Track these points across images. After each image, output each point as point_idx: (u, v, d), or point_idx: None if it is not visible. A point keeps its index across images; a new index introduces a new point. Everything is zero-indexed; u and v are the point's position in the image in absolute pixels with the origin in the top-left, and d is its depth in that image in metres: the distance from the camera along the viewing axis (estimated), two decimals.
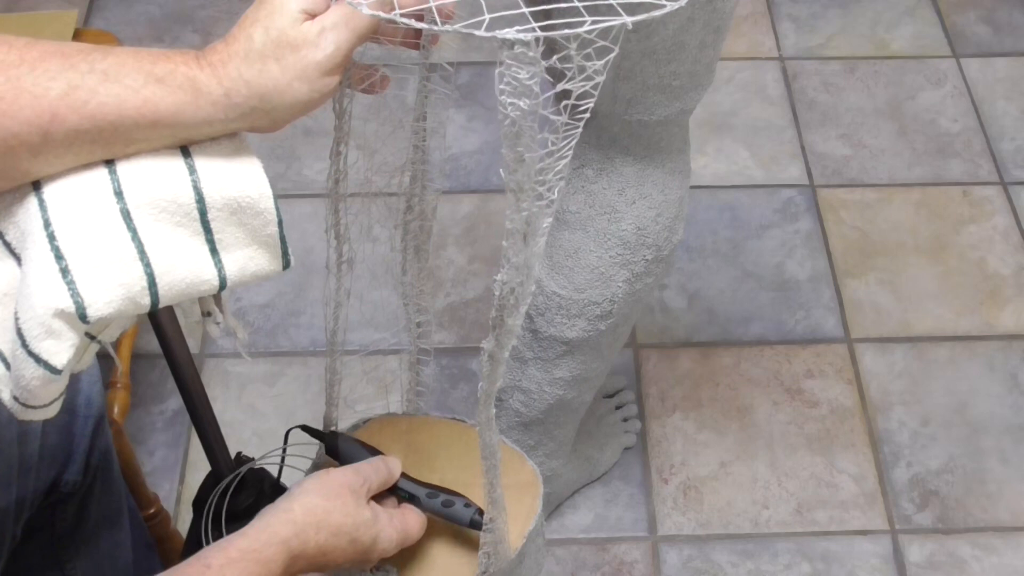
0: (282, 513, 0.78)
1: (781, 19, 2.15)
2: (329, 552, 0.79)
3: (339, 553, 0.79)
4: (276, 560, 0.75)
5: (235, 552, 0.74)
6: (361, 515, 0.81)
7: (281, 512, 0.78)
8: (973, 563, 1.48)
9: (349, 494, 0.80)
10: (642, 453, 1.58)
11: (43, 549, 1.05)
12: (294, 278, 1.72)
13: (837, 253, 1.80)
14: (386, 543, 0.83)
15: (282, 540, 0.76)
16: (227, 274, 0.69)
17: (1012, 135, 1.96)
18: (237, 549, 0.74)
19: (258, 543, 0.75)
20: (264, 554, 0.74)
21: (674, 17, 0.95)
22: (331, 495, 0.80)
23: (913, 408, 1.63)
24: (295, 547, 0.76)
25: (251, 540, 0.75)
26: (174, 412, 1.59)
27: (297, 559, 0.77)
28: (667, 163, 1.12)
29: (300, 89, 0.66)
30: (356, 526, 0.80)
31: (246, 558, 0.74)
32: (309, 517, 0.78)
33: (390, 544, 0.83)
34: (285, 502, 0.79)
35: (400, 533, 0.84)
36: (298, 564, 0.77)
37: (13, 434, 0.92)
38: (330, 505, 0.79)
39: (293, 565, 0.77)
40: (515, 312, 0.70)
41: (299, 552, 0.77)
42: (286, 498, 0.79)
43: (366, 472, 0.84)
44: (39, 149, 0.65)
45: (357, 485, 0.82)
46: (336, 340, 0.89)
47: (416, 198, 0.85)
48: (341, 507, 0.79)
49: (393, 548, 0.84)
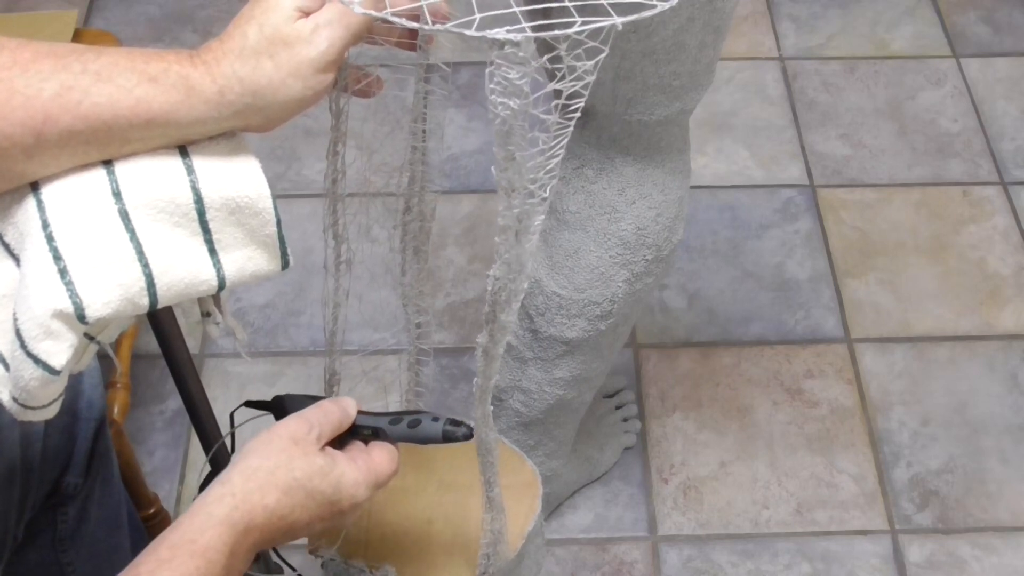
0: (217, 488, 0.70)
1: (781, 19, 2.15)
2: (287, 514, 0.71)
3: (301, 511, 0.72)
4: (216, 546, 0.67)
5: (165, 551, 0.66)
6: (313, 464, 0.72)
7: (216, 487, 0.70)
8: (973, 563, 1.48)
9: (294, 446, 0.72)
10: (642, 453, 1.58)
11: (44, 550, 1.05)
12: (294, 278, 1.72)
13: (837, 253, 1.80)
14: (352, 487, 0.74)
15: (220, 520, 0.68)
16: (226, 274, 0.69)
17: (1012, 135, 1.96)
18: (168, 546, 0.67)
19: (192, 531, 0.67)
20: (200, 543, 0.67)
21: (674, 17, 0.95)
22: (273, 452, 0.72)
23: (913, 408, 1.63)
24: (239, 520, 0.68)
25: (183, 531, 0.67)
26: (174, 412, 1.59)
27: (248, 533, 0.69)
28: (667, 163, 1.12)
29: (294, 86, 0.66)
30: (309, 477, 0.72)
31: (179, 554, 0.66)
32: (250, 483, 0.70)
33: (357, 488, 0.75)
34: (223, 474, 0.71)
35: (367, 473, 0.76)
36: (251, 537, 0.69)
37: (15, 436, 0.92)
38: (272, 463, 0.71)
39: (243, 541, 0.69)
40: (507, 308, 0.70)
41: (247, 525, 0.69)
42: (226, 470, 0.72)
43: (313, 417, 0.75)
44: (33, 150, 0.65)
45: (302, 434, 0.73)
46: (335, 340, 0.89)
47: (415, 199, 0.85)
48: (287, 462, 0.71)
49: (365, 491, 0.76)
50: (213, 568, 0.67)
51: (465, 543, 0.92)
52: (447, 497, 0.96)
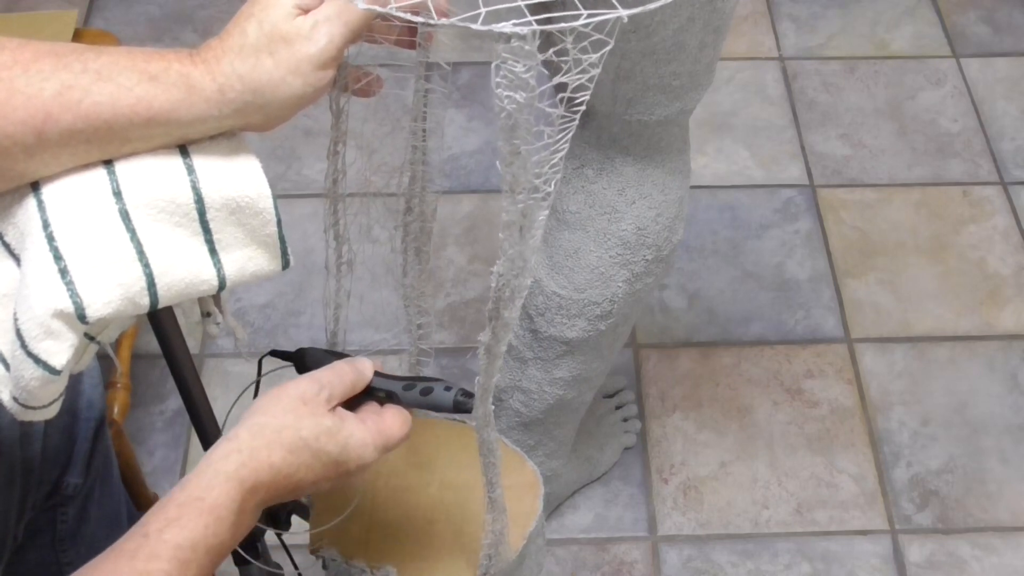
0: (225, 444, 0.70)
1: (781, 19, 2.15)
2: (292, 473, 0.71)
3: (306, 471, 0.71)
4: (225, 502, 0.67)
5: (174, 509, 0.66)
6: (320, 425, 0.72)
7: (224, 443, 0.70)
8: (973, 563, 1.48)
9: (302, 405, 0.72)
10: (642, 453, 1.58)
11: (44, 550, 1.05)
12: (294, 278, 1.72)
13: (837, 253, 1.80)
14: (359, 448, 0.74)
15: (228, 476, 0.68)
16: (226, 274, 0.69)
17: (1012, 135, 1.96)
18: (176, 504, 0.66)
19: (199, 488, 0.67)
20: (208, 500, 0.66)
21: (674, 17, 0.95)
22: (281, 411, 0.72)
23: (913, 408, 1.63)
24: (247, 477, 0.68)
25: (191, 488, 0.67)
26: (174, 412, 1.59)
27: (255, 490, 0.69)
28: (667, 163, 1.12)
29: (294, 83, 0.66)
30: (316, 437, 0.71)
31: (187, 512, 0.66)
32: (258, 440, 0.70)
33: (365, 449, 0.74)
34: (232, 430, 0.71)
35: (376, 435, 0.75)
36: (258, 495, 0.70)
37: (15, 436, 0.92)
38: (280, 422, 0.71)
39: (251, 498, 0.69)
40: (511, 305, 0.70)
41: (254, 482, 0.69)
42: (235, 427, 0.72)
43: (324, 378, 0.75)
44: (34, 150, 0.65)
45: (312, 393, 0.73)
46: (336, 341, 0.89)
47: (416, 199, 0.85)
48: (294, 421, 0.71)
49: (372, 453, 0.75)
50: (222, 525, 0.67)
51: (466, 543, 0.92)
52: (448, 497, 0.96)
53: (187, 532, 0.65)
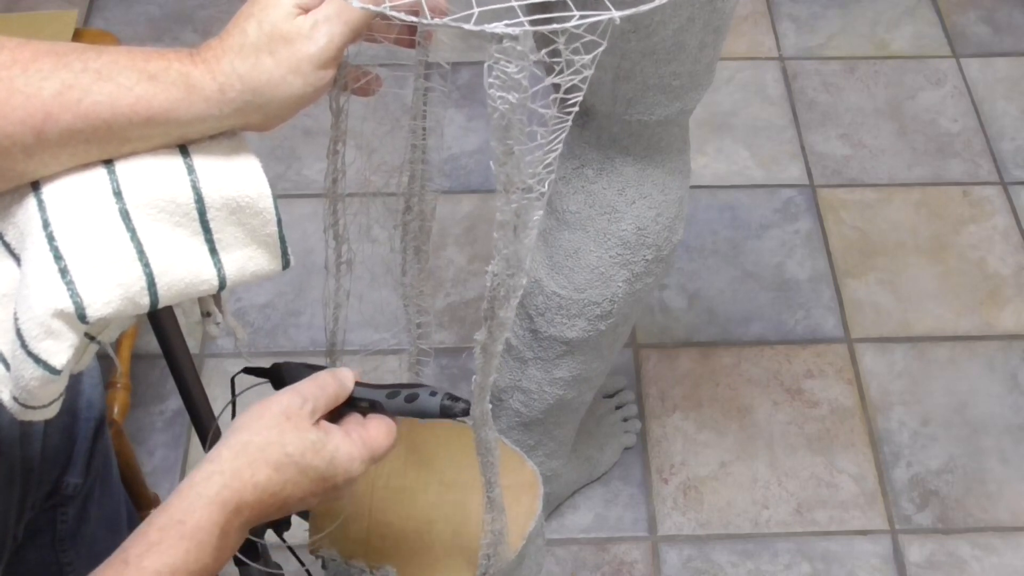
0: (206, 466, 0.68)
1: (781, 19, 2.15)
2: (279, 491, 0.69)
3: (293, 487, 0.70)
4: (206, 526, 0.65)
5: (154, 533, 0.65)
6: (306, 440, 0.70)
7: (206, 464, 0.68)
8: (973, 563, 1.48)
9: (286, 420, 0.70)
10: (642, 453, 1.58)
11: (44, 550, 1.05)
12: (294, 278, 1.72)
13: (837, 253, 1.80)
14: (347, 462, 0.72)
15: (210, 499, 0.66)
16: (226, 274, 0.69)
17: (1012, 135, 1.96)
18: (156, 528, 0.65)
19: (180, 512, 0.65)
20: (189, 524, 0.65)
21: (674, 17, 0.95)
22: (264, 427, 0.70)
23: (913, 408, 1.63)
24: (229, 498, 0.67)
25: (171, 512, 0.66)
26: (174, 412, 1.59)
27: (239, 511, 0.67)
28: (667, 163, 1.12)
29: (294, 83, 0.66)
30: (302, 453, 0.70)
31: (167, 536, 0.64)
32: (240, 459, 0.68)
33: (353, 462, 0.73)
34: (212, 450, 0.69)
35: (363, 447, 0.74)
36: (242, 515, 0.68)
37: (15, 436, 0.92)
38: (264, 438, 0.69)
39: (235, 519, 0.67)
40: (506, 304, 0.70)
41: (237, 503, 0.67)
42: (216, 446, 0.70)
43: (307, 391, 0.73)
44: (34, 149, 0.65)
45: (295, 408, 0.71)
46: (336, 340, 0.89)
47: (415, 198, 0.84)
48: (278, 437, 0.69)
49: (360, 466, 0.73)
50: (203, 549, 0.65)
51: (466, 543, 0.92)
52: (448, 497, 0.96)
53: (167, 558, 0.64)
